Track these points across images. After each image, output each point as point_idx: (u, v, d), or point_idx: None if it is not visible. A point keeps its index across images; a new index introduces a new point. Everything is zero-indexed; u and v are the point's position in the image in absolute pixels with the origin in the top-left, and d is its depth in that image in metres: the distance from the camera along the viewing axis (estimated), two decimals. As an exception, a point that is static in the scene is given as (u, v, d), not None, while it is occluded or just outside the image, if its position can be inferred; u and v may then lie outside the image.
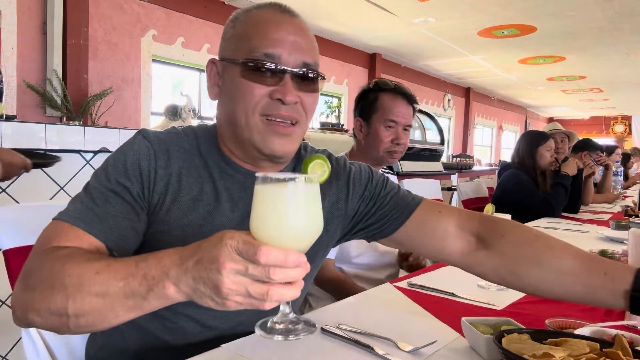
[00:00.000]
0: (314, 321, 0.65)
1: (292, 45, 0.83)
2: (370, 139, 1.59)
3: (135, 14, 4.70)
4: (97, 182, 0.81)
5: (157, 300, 0.62)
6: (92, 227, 0.76)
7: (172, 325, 0.88)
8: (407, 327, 0.92)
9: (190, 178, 0.85)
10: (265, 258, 0.54)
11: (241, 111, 0.83)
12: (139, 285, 0.62)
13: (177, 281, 0.60)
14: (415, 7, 5.44)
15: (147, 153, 0.83)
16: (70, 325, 0.66)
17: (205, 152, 0.89)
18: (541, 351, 0.66)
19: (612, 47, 6.95)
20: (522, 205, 2.70)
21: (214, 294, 0.57)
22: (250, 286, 0.56)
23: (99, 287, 0.64)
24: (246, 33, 0.85)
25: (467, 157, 8.20)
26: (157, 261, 0.62)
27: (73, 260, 0.69)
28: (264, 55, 0.81)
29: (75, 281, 0.65)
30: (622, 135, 14.87)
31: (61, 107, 3.91)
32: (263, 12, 0.86)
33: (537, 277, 0.85)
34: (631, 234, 1.07)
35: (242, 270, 0.55)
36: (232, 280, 0.56)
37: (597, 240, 2.01)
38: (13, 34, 3.76)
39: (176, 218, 0.83)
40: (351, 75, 7.54)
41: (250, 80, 0.82)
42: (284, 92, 0.81)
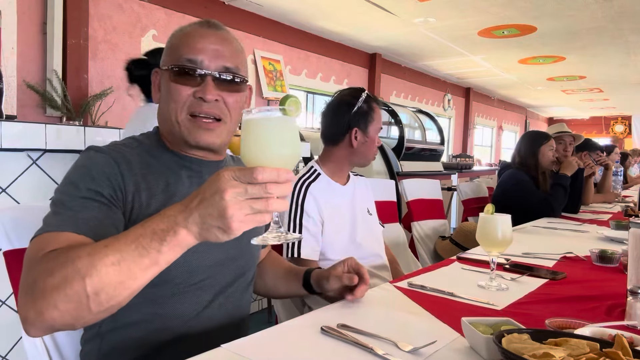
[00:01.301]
0: (299, 236, 0.75)
1: (213, 52, 0.96)
2: (367, 146, 1.70)
3: (135, 14, 4.70)
4: (66, 195, 0.84)
5: (171, 250, 0.68)
6: (79, 228, 0.79)
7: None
8: (407, 327, 0.92)
9: (153, 175, 0.95)
10: (262, 176, 0.63)
11: (172, 110, 0.96)
12: (151, 240, 0.68)
13: (185, 224, 0.67)
14: (415, 7, 5.43)
15: (107, 162, 0.90)
16: (91, 306, 0.68)
17: (154, 152, 0.99)
18: (541, 351, 0.66)
19: (612, 47, 6.94)
20: (522, 205, 2.70)
21: (220, 221, 0.65)
22: (253, 203, 0.64)
23: (112, 257, 0.68)
24: (175, 44, 0.99)
25: (467, 157, 8.20)
26: (162, 216, 0.69)
27: (77, 247, 0.72)
28: (187, 60, 0.95)
29: (86, 260, 0.68)
30: (622, 136, 14.86)
31: (61, 107, 3.91)
32: (191, 27, 1.00)
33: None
34: (631, 234, 1.07)
35: (242, 192, 0.64)
36: (235, 202, 0.64)
37: (597, 240, 2.01)
38: (13, 34, 3.76)
39: (157, 211, 0.87)
40: (351, 75, 7.54)
41: (176, 83, 0.95)
42: (204, 91, 0.94)
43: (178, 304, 0.94)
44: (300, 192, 1.56)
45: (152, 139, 1.02)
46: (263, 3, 5.45)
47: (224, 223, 0.64)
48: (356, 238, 1.64)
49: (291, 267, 1.25)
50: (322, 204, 1.57)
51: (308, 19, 6.07)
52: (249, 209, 0.64)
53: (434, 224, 2.80)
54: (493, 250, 1.23)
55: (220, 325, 1.00)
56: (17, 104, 3.82)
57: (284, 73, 6.08)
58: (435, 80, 9.88)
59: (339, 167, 1.69)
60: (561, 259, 1.62)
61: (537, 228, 2.33)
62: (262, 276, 1.25)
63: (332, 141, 1.69)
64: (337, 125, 1.67)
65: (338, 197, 1.64)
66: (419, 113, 6.40)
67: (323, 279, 1.10)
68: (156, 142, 1.02)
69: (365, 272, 1.09)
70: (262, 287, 1.26)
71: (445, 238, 2.68)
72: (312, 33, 6.59)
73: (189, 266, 0.94)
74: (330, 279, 1.09)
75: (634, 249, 1.06)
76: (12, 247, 0.97)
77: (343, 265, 1.11)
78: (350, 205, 1.68)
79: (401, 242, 2.42)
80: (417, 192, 2.71)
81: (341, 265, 1.11)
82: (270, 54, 5.90)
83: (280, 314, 1.53)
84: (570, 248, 1.74)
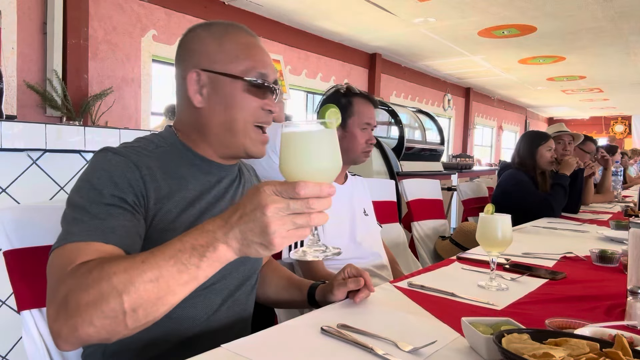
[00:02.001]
0: (338, 249, 0.73)
1: (271, 65, 1.01)
2: (347, 142, 1.67)
3: (135, 14, 4.70)
4: (89, 200, 0.81)
5: (210, 266, 0.68)
6: (108, 238, 0.77)
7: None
8: (407, 327, 0.92)
9: (174, 180, 0.93)
10: (304, 191, 0.63)
11: (238, 119, 0.96)
12: (190, 256, 0.67)
13: (225, 239, 0.66)
14: (415, 7, 5.44)
15: (128, 165, 0.87)
16: (127, 322, 0.67)
17: (173, 156, 0.97)
18: (541, 351, 0.66)
19: (612, 47, 6.95)
20: (522, 205, 2.70)
21: (262, 237, 0.64)
22: (295, 219, 0.64)
23: (151, 273, 0.67)
24: (238, 53, 0.98)
25: (467, 157, 8.20)
26: (201, 231, 0.68)
27: (111, 261, 0.70)
28: (260, 74, 0.97)
29: (124, 277, 0.67)
30: (622, 136, 14.86)
31: (61, 107, 3.91)
32: (244, 36, 1.00)
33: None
34: (631, 234, 1.07)
35: (284, 207, 0.63)
36: (277, 217, 0.63)
37: (597, 240, 2.01)
38: (13, 34, 3.76)
39: (178, 218, 0.90)
40: (351, 75, 7.54)
41: (250, 94, 0.96)
42: (272, 105, 0.98)
43: (190, 307, 0.93)
44: None
45: (169, 141, 0.99)
46: (263, 3, 5.45)
47: (266, 239, 0.64)
48: (356, 237, 1.64)
49: (292, 278, 1.24)
50: None
51: (308, 19, 6.07)
52: (291, 224, 0.64)
53: (434, 224, 2.80)
54: (493, 250, 1.23)
55: (227, 327, 1.00)
56: (17, 104, 3.83)
57: (284, 73, 6.09)
58: (435, 80, 9.88)
59: None
60: (561, 259, 1.62)
61: (537, 228, 2.33)
62: (263, 285, 1.23)
63: None
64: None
65: (337, 197, 1.63)
66: (419, 113, 6.40)
67: (328, 293, 1.10)
68: (173, 145, 0.99)
69: (368, 278, 1.08)
70: (264, 297, 1.24)
71: (445, 238, 2.68)
72: (312, 33, 6.60)
73: None
74: (334, 290, 1.07)
75: (634, 249, 1.06)
76: (12, 247, 0.96)
77: (343, 273, 1.11)
78: (349, 205, 1.68)
79: (401, 242, 2.42)
80: (417, 192, 2.71)
81: (341, 273, 1.11)
82: (270, 54, 5.88)
83: (280, 314, 1.53)
84: (570, 248, 1.74)
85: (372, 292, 1.09)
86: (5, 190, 1.97)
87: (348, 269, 1.11)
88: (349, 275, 1.10)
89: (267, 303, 1.28)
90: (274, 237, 0.63)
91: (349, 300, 1.07)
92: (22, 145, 1.96)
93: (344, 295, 1.08)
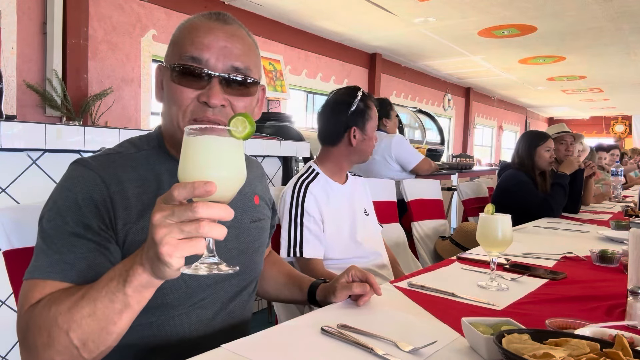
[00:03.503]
0: (235, 269, 0.66)
1: (220, 50, 0.85)
2: (366, 144, 1.71)
3: (135, 14, 4.70)
4: (53, 228, 0.79)
5: (136, 292, 0.65)
6: (65, 275, 0.76)
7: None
8: (407, 327, 0.92)
9: (148, 194, 0.86)
10: (177, 191, 0.58)
11: (174, 115, 0.86)
12: (117, 283, 0.66)
13: (141, 260, 0.64)
14: (415, 7, 5.43)
15: (94, 183, 0.81)
16: (83, 354, 0.69)
17: (154, 161, 0.90)
18: (541, 351, 0.66)
19: (612, 47, 6.94)
20: (522, 205, 2.70)
21: (155, 248, 0.59)
22: (183, 226, 0.58)
23: (88, 308, 0.67)
24: (179, 39, 0.88)
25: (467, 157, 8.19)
26: (132, 256, 0.67)
27: (57, 300, 0.71)
28: (191, 59, 0.84)
29: (67, 316, 0.68)
30: (622, 136, 14.86)
31: (61, 107, 3.91)
32: (197, 19, 0.89)
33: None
34: (631, 234, 1.07)
35: (169, 214, 0.59)
36: (164, 225, 0.58)
37: (597, 240, 2.01)
38: (13, 34, 3.76)
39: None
40: (351, 75, 7.54)
41: (179, 84, 0.85)
42: (209, 95, 0.83)
43: (178, 324, 0.90)
44: (300, 191, 1.57)
45: (153, 143, 0.93)
46: (263, 3, 5.45)
47: (156, 250, 0.59)
48: (356, 237, 1.65)
49: (292, 274, 1.21)
50: (322, 203, 1.58)
51: (308, 19, 6.07)
52: (178, 232, 0.58)
53: (434, 224, 2.80)
54: (493, 250, 1.23)
55: (223, 338, 0.96)
56: (17, 104, 3.82)
57: (284, 73, 6.08)
58: (435, 80, 9.88)
59: (338, 167, 1.69)
60: (561, 259, 1.62)
61: (537, 228, 2.33)
62: (262, 280, 1.21)
63: (331, 141, 1.69)
64: (335, 125, 1.68)
65: (337, 197, 1.65)
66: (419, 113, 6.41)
67: (329, 293, 1.05)
68: (157, 147, 0.92)
69: (375, 282, 1.05)
70: (263, 292, 1.22)
71: (446, 238, 2.67)
72: (312, 33, 6.60)
73: (187, 288, 0.89)
74: (337, 293, 1.03)
75: (634, 249, 1.06)
76: (11, 247, 0.96)
77: (347, 275, 1.06)
78: (350, 205, 1.69)
79: (401, 242, 2.42)
80: (417, 192, 2.71)
81: (345, 276, 1.06)
82: (270, 54, 5.89)
83: (280, 314, 1.53)
84: (571, 248, 1.74)
85: (379, 295, 1.05)
86: (5, 190, 1.96)
87: (352, 272, 1.06)
88: (354, 278, 1.05)
89: (265, 298, 1.27)
90: (161, 246, 0.58)
91: (349, 300, 1.07)
92: (21, 145, 1.96)
93: (345, 298, 1.05)
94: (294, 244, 1.52)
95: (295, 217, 1.54)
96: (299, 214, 1.54)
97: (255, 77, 0.90)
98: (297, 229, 1.53)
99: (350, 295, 1.05)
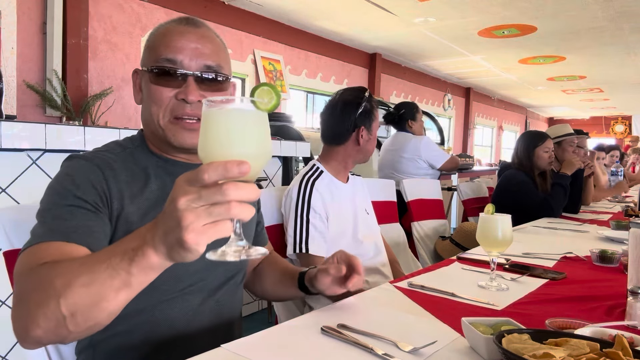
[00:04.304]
0: (264, 251, 0.62)
1: (193, 51, 0.93)
2: (370, 144, 1.73)
3: (135, 14, 4.70)
4: (52, 204, 0.82)
5: (141, 272, 0.62)
6: (69, 237, 0.77)
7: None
8: (407, 327, 0.92)
9: (137, 182, 0.92)
10: (207, 174, 0.54)
11: (154, 114, 0.93)
12: (121, 260, 0.62)
13: (153, 242, 0.59)
14: (415, 7, 5.43)
15: (91, 169, 0.87)
16: (69, 327, 0.65)
17: (139, 158, 0.96)
18: (541, 351, 0.66)
19: (612, 47, 6.94)
20: (522, 205, 2.70)
21: (178, 234, 0.55)
22: (211, 209, 0.54)
23: (85, 277, 0.64)
24: (154, 43, 0.95)
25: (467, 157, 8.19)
26: (137, 234, 0.63)
27: (59, 263, 0.70)
28: (166, 60, 0.92)
29: (63, 279, 0.65)
30: (622, 136, 14.86)
31: (61, 107, 3.91)
32: (170, 25, 0.97)
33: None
34: (631, 234, 1.07)
35: (196, 197, 0.54)
36: (190, 210, 0.54)
37: (597, 240, 2.01)
38: (13, 34, 3.76)
39: (141, 221, 0.89)
40: (351, 75, 7.54)
41: (157, 85, 0.92)
42: (186, 93, 0.91)
43: (168, 310, 0.92)
44: (306, 188, 1.59)
45: (137, 142, 1.00)
46: (263, 3, 5.45)
47: (179, 236, 0.55)
48: (358, 235, 1.67)
49: (286, 269, 1.20)
50: (327, 200, 1.60)
51: (308, 19, 6.07)
52: (206, 216, 0.55)
53: (434, 224, 2.80)
54: (493, 250, 1.23)
55: (212, 328, 0.99)
56: (17, 104, 3.82)
57: (284, 73, 6.09)
58: (435, 80, 9.88)
59: (342, 166, 1.71)
60: (561, 259, 1.62)
61: (537, 228, 2.33)
62: (261, 281, 1.21)
63: (338, 140, 1.71)
64: (342, 124, 1.69)
65: (341, 195, 1.67)
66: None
67: (313, 278, 1.04)
68: (140, 145, 0.99)
69: (357, 263, 1.02)
70: (262, 291, 1.22)
71: (446, 238, 2.68)
72: (312, 33, 6.59)
73: (175, 272, 0.89)
74: (317, 276, 1.02)
75: (634, 249, 1.06)
76: (11, 247, 0.97)
77: (331, 258, 1.05)
78: (352, 203, 1.71)
79: (401, 242, 2.42)
80: (417, 192, 2.71)
81: (329, 259, 1.05)
82: (270, 53, 5.90)
83: (280, 314, 1.53)
84: (571, 248, 1.74)
85: (360, 275, 1.01)
86: (5, 191, 1.96)
87: (337, 254, 1.05)
88: (337, 261, 1.04)
89: (265, 298, 1.27)
90: (186, 233, 0.54)
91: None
92: (21, 145, 1.96)
93: (326, 281, 1.01)
94: (299, 239, 1.54)
95: (301, 213, 1.56)
96: (304, 210, 1.56)
97: (227, 74, 0.98)
98: (303, 225, 1.55)
99: (336, 282, 1.01)
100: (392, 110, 3.68)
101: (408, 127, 3.60)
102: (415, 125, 3.62)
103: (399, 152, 3.50)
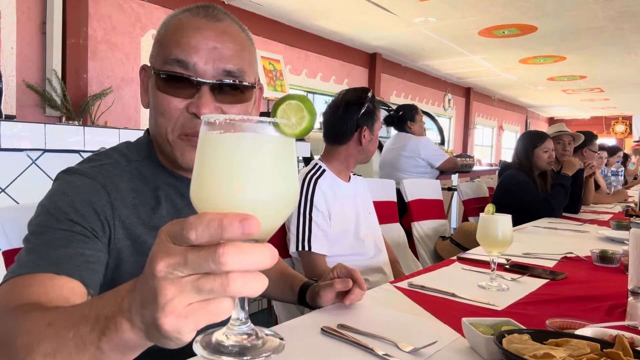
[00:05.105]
0: (281, 335, 0.46)
1: (209, 52, 0.76)
2: (372, 144, 1.75)
3: (135, 14, 4.70)
4: (44, 227, 0.70)
5: (115, 350, 0.44)
6: (59, 267, 0.65)
7: None
8: (407, 328, 0.92)
9: (145, 206, 0.79)
10: (195, 231, 0.36)
11: (162, 127, 0.78)
12: (91, 330, 0.45)
13: (129, 313, 0.41)
14: (415, 6, 5.43)
15: (94, 188, 0.74)
16: None
17: (148, 174, 0.82)
18: (542, 351, 0.66)
19: (613, 47, 6.94)
20: (522, 205, 2.70)
21: (154, 312, 0.38)
22: (200, 281, 0.37)
23: (48, 344, 0.48)
24: (164, 38, 0.79)
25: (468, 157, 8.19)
26: (114, 293, 0.45)
27: (31, 314, 0.55)
28: (177, 62, 0.75)
29: (27, 340, 0.51)
30: (623, 136, 14.86)
31: (61, 107, 3.91)
32: (183, 16, 0.79)
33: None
34: (632, 234, 1.07)
35: (180, 262, 0.37)
36: (171, 281, 0.37)
37: (597, 241, 2.01)
38: (12, 34, 3.76)
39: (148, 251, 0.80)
40: (351, 75, 7.54)
41: (165, 93, 0.76)
42: (198, 105, 0.75)
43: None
44: (309, 186, 1.59)
45: (143, 153, 0.85)
46: (263, 3, 5.45)
47: (155, 317, 0.38)
48: (359, 234, 1.68)
49: (285, 272, 1.17)
50: (330, 199, 1.61)
51: (308, 19, 6.07)
52: (193, 292, 0.37)
53: (434, 224, 2.80)
54: (493, 250, 1.22)
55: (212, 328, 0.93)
56: (17, 104, 3.82)
57: (284, 73, 6.08)
58: (436, 80, 9.88)
59: (344, 165, 1.72)
60: (562, 259, 1.62)
61: (538, 228, 2.33)
62: None
63: (340, 140, 1.71)
64: (345, 124, 1.70)
65: (343, 194, 1.68)
66: (419, 113, 6.40)
67: (315, 295, 1.01)
68: (148, 156, 0.84)
69: (359, 277, 1.01)
70: None
71: (446, 238, 2.67)
72: (312, 33, 6.59)
73: None
74: (321, 293, 0.98)
75: (634, 249, 1.06)
76: (10, 247, 0.96)
77: (332, 272, 1.03)
78: (354, 202, 1.72)
79: (401, 242, 2.42)
80: (417, 192, 2.71)
81: (329, 274, 1.03)
82: (270, 53, 5.89)
83: (280, 314, 1.53)
84: (571, 248, 1.74)
85: (363, 290, 1.00)
86: (4, 190, 1.96)
87: (337, 269, 1.03)
88: (338, 275, 1.01)
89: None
90: (163, 315, 0.37)
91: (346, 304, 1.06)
92: (21, 145, 1.96)
93: (332, 297, 0.99)
94: (302, 237, 1.55)
95: (304, 211, 1.57)
96: (307, 209, 1.57)
97: (251, 80, 0.81)
98: (305, 223, 1.56)
99: (339, 296, 1.02)
100: (392, 113, 3.76)
101: (408, 128, 3.68)
102: (414, 127, 3.69)
103: (399, 150, 3.58)
